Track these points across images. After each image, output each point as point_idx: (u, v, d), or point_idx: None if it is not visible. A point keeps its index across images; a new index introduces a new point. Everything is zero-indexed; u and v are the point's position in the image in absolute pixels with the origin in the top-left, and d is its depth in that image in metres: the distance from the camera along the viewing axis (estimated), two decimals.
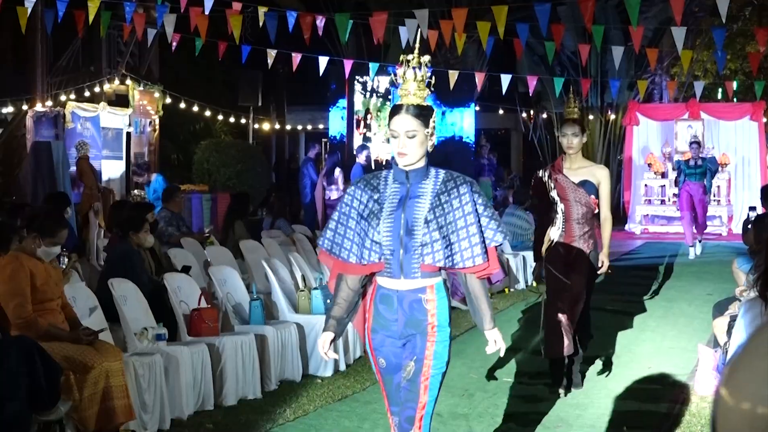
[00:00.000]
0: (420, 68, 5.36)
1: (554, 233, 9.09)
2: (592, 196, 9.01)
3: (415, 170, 5.28)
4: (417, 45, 5.42)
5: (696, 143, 20.50)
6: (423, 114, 5.29)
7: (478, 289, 5.46)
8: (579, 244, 9.01)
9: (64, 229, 8.12)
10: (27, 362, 6.83)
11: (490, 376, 9.87)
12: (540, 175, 9.35)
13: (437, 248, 5.19)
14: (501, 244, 5.48)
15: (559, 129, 9.35)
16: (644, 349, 11.20)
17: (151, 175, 19.08)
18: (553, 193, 9.07)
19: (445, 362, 5.43)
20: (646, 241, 23.60)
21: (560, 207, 9.04)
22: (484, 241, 5.27)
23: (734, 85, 24.16)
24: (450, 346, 5.49)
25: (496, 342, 5.57)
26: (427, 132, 5.28)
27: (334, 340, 5.40)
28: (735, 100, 27.04)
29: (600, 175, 9.11)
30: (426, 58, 5.38)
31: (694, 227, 19.76)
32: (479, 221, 5.26)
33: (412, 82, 5.34)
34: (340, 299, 5.40)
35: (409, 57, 5.38)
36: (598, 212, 9.17)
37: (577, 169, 9.15)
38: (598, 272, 9.29)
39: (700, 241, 20.01)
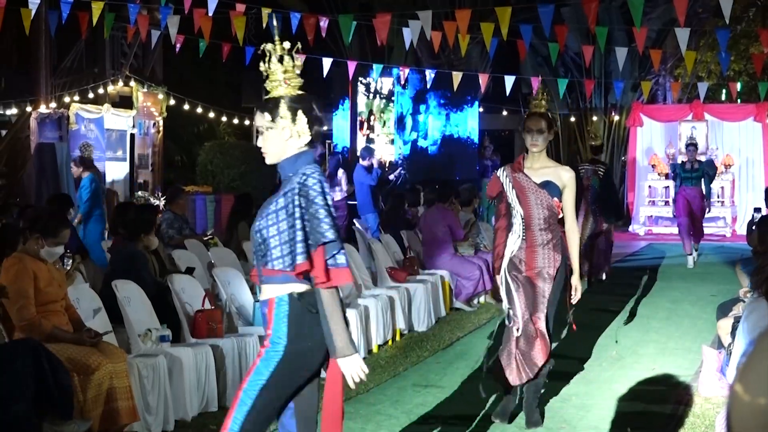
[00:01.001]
0: (285, 58, 5.06)
1: (513, 242, 8.08)
2: (555, 199, 7.99)
3: (281, 169, 5.12)
4: (276, 34, 5.05)
5: (693, 145, 19.43)
6: (272, 108, 5.05)
7: (325, 304, 4.86)
8: (542, 254, 7.96)
9: (66, 229, 8.12)
10: (34, 365, 6.84)
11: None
12: (498, 174, 8.35)
13: (269, 250, 4.93)
14: (328, 243, 4.82)
15: (523, 124, 8.34)
16: (648, 350, 11.20)
17: (84, 172, 17.73)
18: (511, 195, 8.08)
19: (262, 380, 4.89)
20: (649, 242, 23.62)
21: (519, 211, 8.05)
22: (306, 240, 4.83)
23: (738, 86, 24.12)
24: (278, 366, 4.91)
25: (353, 377, 5.02)
26: (281, 126, 5.02)
27: None
28: (739, 101, 27.04)
29: (565, 178, 8.06)
30: (287, 44, 5.03)
31: (692, 234, 18.62)
32: (303, 219, 4.85)
33: (278, 73, 5.05)
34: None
35: (271, 47, 5.07)
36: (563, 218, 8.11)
37: (540, 169, 8.13)
38: (571, 300, 8.13)
39: (696, 250, 18.84)
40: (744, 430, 1.81)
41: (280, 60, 5.04)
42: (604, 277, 16.39)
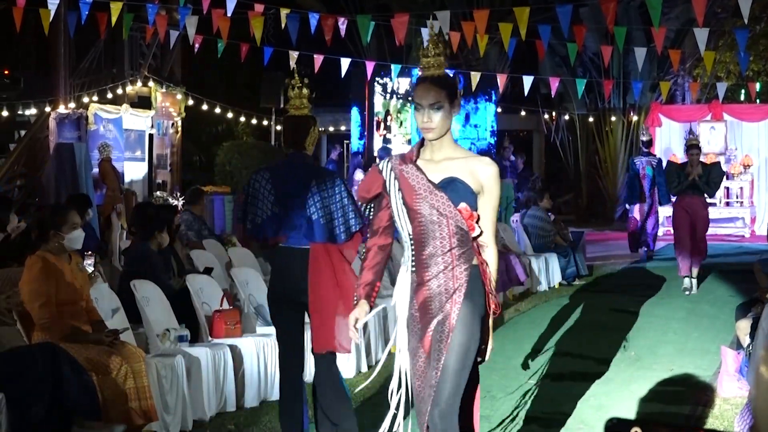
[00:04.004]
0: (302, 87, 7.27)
1: (403, 276, 5.61)
2: (464, 205, 5.34)
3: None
4: (293, 68, 6.76)
5: (695, 147, 15.74)
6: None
7: None
8: (440, 291, 5.33)
9: (71, 211, 8.12)
10: (52, 368, 6.87)
11: (513, 377, 9.85)
12: (379, 167, 5.58)
13: None
14: None
15: (412, 94, 5.78)
16: (667, 350, 11.17)
17: None
18: (396, 200, 5.47)
19: None
20: (668, 243, 23.51)
21: (406, 227, 5.48)
22: None
23: (757, 86, 24.02)
24: None
25: None
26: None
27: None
28: (758, 101, 26.94)
29: (484, 175, 5.43)
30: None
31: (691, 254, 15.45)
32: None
33: (297, 98, 7.33)
34: None
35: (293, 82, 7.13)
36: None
37: (442, 161, 5.44)
38: (479, 358, 5.45)
39: (694, 278, 15.48)
40: None
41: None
42: (646, 252, 19.69)
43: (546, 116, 32.89)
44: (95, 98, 21.96)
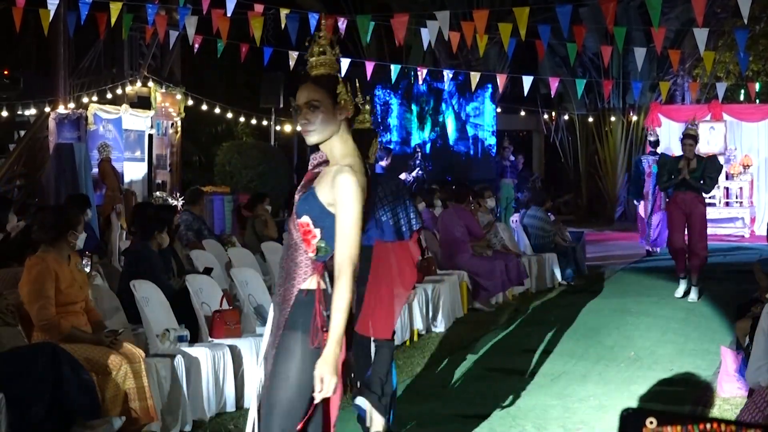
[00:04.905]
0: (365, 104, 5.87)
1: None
2: (306, 219, 4.71)
3: None
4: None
5: (691, 137, 14.45)
6: None
7: None
8: (278, 309, 4.83)
9: (76, 214, 8.19)
10: (52, 369, 6.88)
11: (512, 377, 9.85)
12: None
13: None
14: None
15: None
16: (667, 350, 11.17)
17: None
18: None
19: None
20: None
21: None
22: None
23: (757, 86, 24.01)
24: None
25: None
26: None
27: None
28: (758, 101, 26.95)
29: (335, 187, 4.65)
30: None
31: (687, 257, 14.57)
32: None
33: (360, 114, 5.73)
34: None
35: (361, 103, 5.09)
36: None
37: (326, 172, 4.82)
38: (313, 392, 4.53)
39: (695, 285, 14.57)
40: None
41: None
42: (658, 250, 19.91)
43: (546, 116, 32.92)
44: (95, 98, 21.95)
